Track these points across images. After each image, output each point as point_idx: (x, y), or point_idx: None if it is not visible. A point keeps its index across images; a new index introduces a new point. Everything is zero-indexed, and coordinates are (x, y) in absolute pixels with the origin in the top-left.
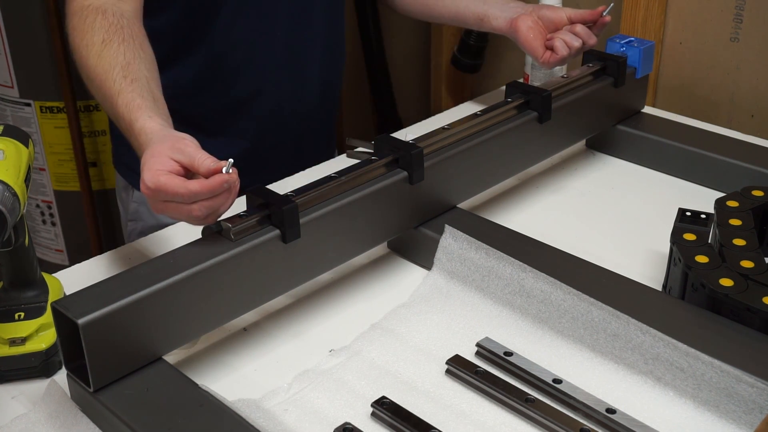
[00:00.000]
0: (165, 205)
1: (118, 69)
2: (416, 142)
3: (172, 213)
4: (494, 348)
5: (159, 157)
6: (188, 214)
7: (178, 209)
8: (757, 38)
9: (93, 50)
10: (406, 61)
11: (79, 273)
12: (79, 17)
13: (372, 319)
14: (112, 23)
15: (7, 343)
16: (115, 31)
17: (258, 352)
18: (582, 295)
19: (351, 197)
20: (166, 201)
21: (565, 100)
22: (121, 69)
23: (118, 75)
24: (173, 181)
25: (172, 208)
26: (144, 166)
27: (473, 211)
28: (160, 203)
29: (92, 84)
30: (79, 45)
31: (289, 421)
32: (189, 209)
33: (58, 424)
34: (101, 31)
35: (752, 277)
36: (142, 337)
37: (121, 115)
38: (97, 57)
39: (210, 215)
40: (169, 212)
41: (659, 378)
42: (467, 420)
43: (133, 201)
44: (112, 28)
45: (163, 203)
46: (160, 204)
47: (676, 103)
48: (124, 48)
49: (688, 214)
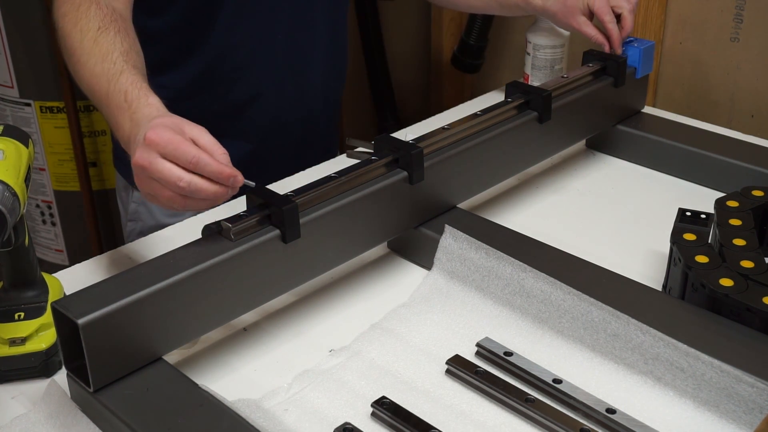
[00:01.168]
0: (150, 179)
1: (117, 53)
2: (416, 142)
3: (153, 186)
4: (494, 348)
5: (174, 118)
6: (174, 182)
7: (164, 174)
8: (757, 38)
9: (89, 35)
10: (406, 61)
11: (79, 273)
12: (71, 5)
13: (372, 319)
14: (106, 14)
15: (7, 343)
16: (110, 21)
17: (258, 352)
18: (582, 295)
19: (351, 197)
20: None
21: (565, 100)
22: (120, 54)
23: (118, 58)
24: (176, 137)
25: (158, 177)
26: (152, 123)
27: (473, 211)
28: (145, 178)
29: (84, 65)
30: (72, 30)
31: (289, 421)
32: (176, 177)
33: (58, 424)
34: (96, 20)
35: (752, 277)
36: (142, 337)
37: (126, 91)
38: (93, 41)
39: (189, 200)
40: (151, 185)
41: (659, 378)
42: (467, 420)
43: (133, 201)
44: (107, 19)
45: (148, 178)
46: (145, 179)
47: (676, 103)
48: (121, 38)
49: (688, 214)
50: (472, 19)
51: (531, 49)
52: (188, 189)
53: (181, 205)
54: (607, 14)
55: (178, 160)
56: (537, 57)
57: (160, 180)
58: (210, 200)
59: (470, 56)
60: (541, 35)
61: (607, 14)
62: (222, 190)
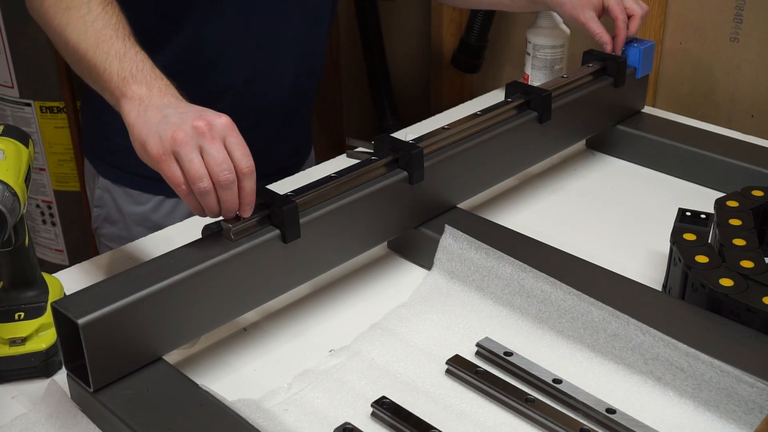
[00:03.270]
0: (171, 153)
1: (115, 26)
2: (416, 142)
3: (171, 162)
4: (494, 348)
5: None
6: (194, 178)
7: (192, 165)
8: (757, 38)
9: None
10: (406, 61)
11: (79, 273)
12: None
13: (372, 319)
14: None
15: (7, 343)
16: None
17: (258, 352)
18: (582, 295)
19: (351, 197)
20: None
21: (565, 100)
22: (120, 25)
23: (120, 30)
24: (223, 151)
25: (185, 165)
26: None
27: (473, 211)
28: (166, 150)
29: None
30: None
31: (289, 421)
32: (199, 177)
33: (58, 424)
34: None
35: (752, 277)
36: (142, 337)
37: (135, 51)
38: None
39: (190, 196)
40: (171, 161)
41: (659, 378)
42: (467, 420)
43: (98, 188)
44: None
45: (170, 151)
46: (166, 150)
47: (676, 103)
48: (111, 10)
49: (688, 214)
50: (472, 19)
51: (531, 49)
52: (198, 191)
53: (182, 192)
54: (621, 13)
55: (210, 166)
56: (537, 57)
57: (186, 168)
58: (198, 211)
59: (470, 56)
60: (541, 35)
61: (621, 13)
62: (216, 214)
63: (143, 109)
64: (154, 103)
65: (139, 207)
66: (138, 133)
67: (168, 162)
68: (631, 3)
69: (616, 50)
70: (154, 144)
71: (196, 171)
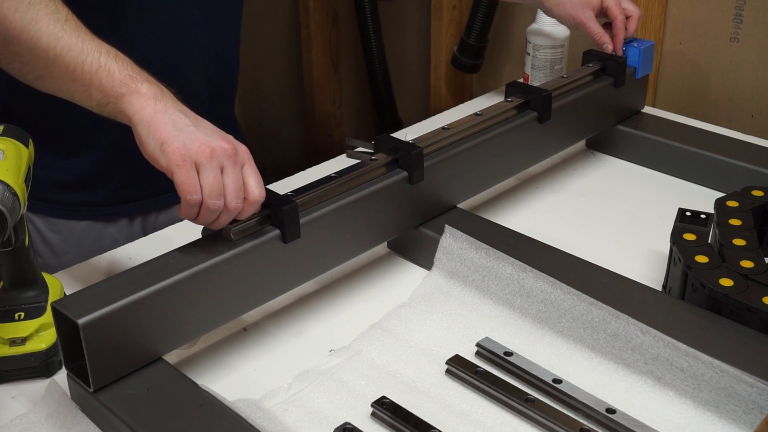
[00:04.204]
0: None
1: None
2: (416, 142)
3: (190, 171)
4: (494, 348)
5: (241, 146)
6: (211, 193)
7: (209, 181)
8: (757, 38)
9: None
10: (406, 61)
11: (79, 273)
12: None
13: (372, 319)
14: None
15: (7, 343)
16: None
17: (258, 352)
18: (582, 295)
19: (351, 197)
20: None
21: (565, 100)
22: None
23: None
24: (239, 179)
25: (204, 181)
26: (223, 135)
27: (473, 211)
28: (189, 159)
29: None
30: None
31: (289, 421)
32: (216, 194)
33: (58, 424)
34: None
35: (752, 277)
36: (142, 337)
37: (118, 51)
38: None
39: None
40: (190, 170)
41: (659, 378)
42: (467, 420)
43: None
44: None
45: (192, 161)
46: (187, 166)
47: (676, 103)
48: None
49: (688, 214)
50: (472, 19)
51: (531, 49)
52: (208, 207)
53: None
54: (620, 14)
55: (227, 189)
56: (537, 57)
57: (205, 183)
58: (190, 218)
59: (470, 56)
60: (541, 35)
61: (620, 14)
62: (210, 222)
63: (161, 108)
64: (171, 106)
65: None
66: (157, 130)
67: (188, 168)
68: (629, 4)
69: (616, 50)
70: (177, 147)
71: (213, 188)
